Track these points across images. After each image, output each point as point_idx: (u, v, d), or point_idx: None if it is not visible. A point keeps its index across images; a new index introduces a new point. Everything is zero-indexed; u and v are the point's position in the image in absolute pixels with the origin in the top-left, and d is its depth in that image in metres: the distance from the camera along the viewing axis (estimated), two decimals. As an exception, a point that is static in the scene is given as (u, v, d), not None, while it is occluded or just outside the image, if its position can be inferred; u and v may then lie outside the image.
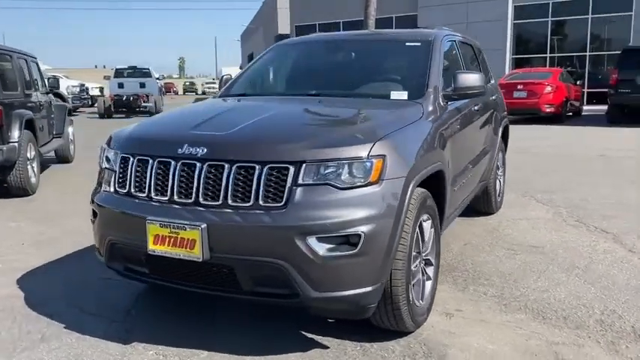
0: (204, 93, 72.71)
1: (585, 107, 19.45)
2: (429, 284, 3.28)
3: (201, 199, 2.73)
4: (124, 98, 23.45)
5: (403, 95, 3.67)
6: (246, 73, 4.49)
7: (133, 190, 2.94)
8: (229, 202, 2.67)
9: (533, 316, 3.39)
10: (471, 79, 3.79)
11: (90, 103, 28.20)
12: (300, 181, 2.62)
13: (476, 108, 4.47)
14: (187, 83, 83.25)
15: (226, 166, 2.69)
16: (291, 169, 2.63)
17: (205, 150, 2.75)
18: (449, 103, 3.82)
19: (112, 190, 3.06)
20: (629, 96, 14.50)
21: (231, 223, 2.63)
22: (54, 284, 4.03)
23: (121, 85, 24.57)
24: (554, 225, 5.45)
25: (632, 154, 10.20)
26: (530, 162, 9.48)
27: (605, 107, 18.79)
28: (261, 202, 2.63)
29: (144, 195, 2.89)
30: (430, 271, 3.30)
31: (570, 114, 17.52)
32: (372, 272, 2.69)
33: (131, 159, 2.98)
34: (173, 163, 2.81)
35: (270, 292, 2.74)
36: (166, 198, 2.81)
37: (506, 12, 23.38)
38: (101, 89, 36.93)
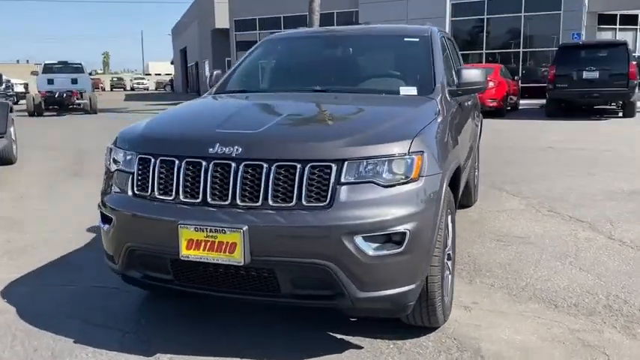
0: (132, 89, 70.30)
1: (521, 101, 20.36)
2: (449, 278, 3.30)
3: (238, 201, 2.61)
4: (55, 95, 22.27)
5: (412, 91, 3.67)
6: (239, 69, 4.34)
7: (157, 192, 2.77)
8: (270, 202, 2.57)
9: (545, 305, 3.49)
10: (473, 74, 3.84)
11: (15, 100, 26.54)
12: (342, 180, 2.56)
13: (469, 103, 4.55)
14: (115, 79, 79.95)
15: (265, 165, 2.59)
16: (334, 168, 2.56)
17: (240, 149, 2.63)
18: (451, 98, 3.86)
19: (129, 193, 2.86)
20: (565, 91, 15.29)
21: (273, 224, 2.53)
22: (43, 296, 3.75)
23: (50, 81, 23.21)
24: (530, 215, 5.65)
25: (577, 145, 10.75)
26: (487, 155, 9.78)
27: (538, 101, 19.76)
28: (304, 202, 2.55)
29: (170, 198, 2.73)
30: (450, 265, 3.33)
31: (509, 108, 18.27)
32: (414, 270, 2.67)
33: (152, 160, 2.80)
34: (204, 163, 2.67)
35: (311, 295, 2.67)
36: (198, 200, 2.67)
37: (444, 9, 24.07)
38: (26, 85, 34.87)
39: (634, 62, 14.33)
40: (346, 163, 2.57)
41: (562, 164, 8.69)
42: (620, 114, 15.96)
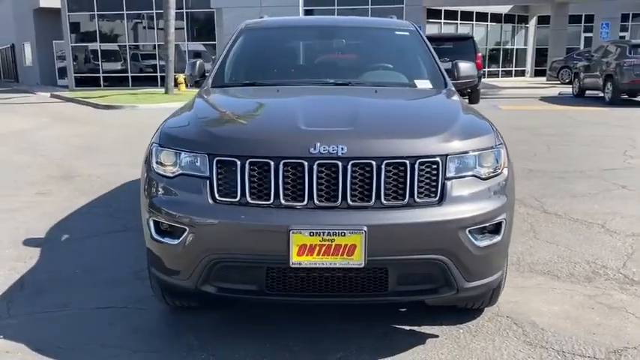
0: None
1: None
2: None
3: (350, 201, 2.51)
4: None
5: (427, 84, 3.80)
6: (230, 59, 4.05)
7: (249, 197, 2.54)
8: (383, 201, 2.53)
9: (549, 277, 3.90)
10: (469, 68, 4.09)
11: None
12: (448, 175, 2.61)
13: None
14: None
15: (374, 163, 2.53)
16: (440, 163, 2.60)
17: (345, 148, 2.53)
18: (447, 92, 4.07)
19: (207, 200, 2.58)
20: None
21: (390, 223, 2.50)
22: (39, 323, 3.20)
23: None
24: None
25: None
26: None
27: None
28: (416, 199, 2.55)
29: (269, 202, 2.52)
30: None
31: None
32: (504, 256, 2.84)
33: (239, 163, 2.55)
34: (307, 164, 2.51)
35: (415, 290, 2.69)
36: (304, 203, 2.51)
37: (297, -1, 24.46)
38: None
39: (479, 54, 16.09)
40: (448, 157, 2.62)
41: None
42: (467, 100, 17.84)
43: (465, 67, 4.06)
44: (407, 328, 3.14)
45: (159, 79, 26.16)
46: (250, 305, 3.32)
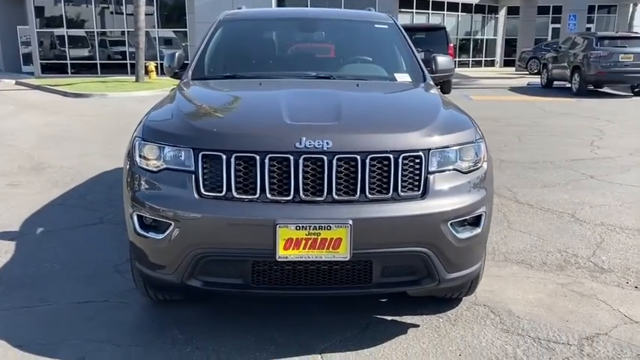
0: None
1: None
2: None
3: (335, 196, 2.55)
4: None
5: (406, 77, 3.85)
6: (210, 51, 4.02)
7: (235, 192, 2.55)
8: (367, 195, 2.57)
9: (523, 266, 4.02)
10: (446, 62, 4.15)
11: None
12: (430, 169, 2.67)
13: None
14: None
15: (359, 158, 2.56)
16: (423, 157, 2.65)
17: (330, 143, 2.56)
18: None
19: (193, 194, 2.58)
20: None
21: (375, 216, 2.54)
22: (18, 319, 3.17)
23: None
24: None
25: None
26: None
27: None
28: (400, 193, 2.60)
29: (255, 197, 2.54)
30: None
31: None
32: (483, 247, 2.92)
33: (224, 157, 2.56)
34: (292, 158, 2.54)
35: (397, 282, 2.76)
36: (289, 197, 2.54)
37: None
38: None
39: (451, 44, 16.25)
40: (430, 152, 2.68)
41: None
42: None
43: (443, 60, 4.12)
44: (389, 318, 3.20)
45: (129, 67, 25.65)
46: (234, 298, 3.34)
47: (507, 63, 33.62)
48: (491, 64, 35.15)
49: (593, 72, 15.68)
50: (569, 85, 17.04)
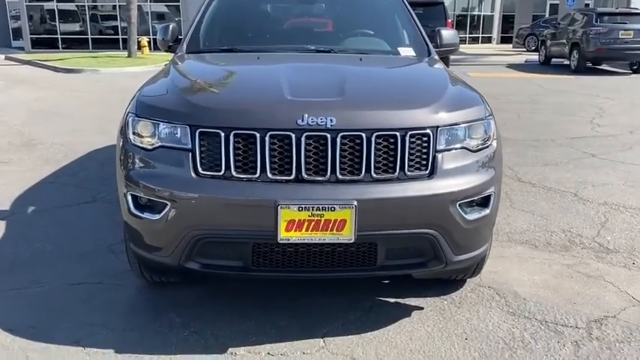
0: None
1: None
2: None
3: (339, 175, 2.43)
4: None
5: (410, 52, 3.71)
6: (205, 24, 3.86)
7: (234, 171, 2.43)
8: (373, 174, 2.46)
9: (528, 247, 3.94)
10: (451, 35, 4.00)
11: None
12: (438, 147, 2.55)
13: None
14: None
15: (364, 136, 2.44)
16: (431, 135, 2.53)
17: (334, 120, 2.43)
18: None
19: (190, 173, 2.46)
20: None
21: (380, 197, 2.43)
22: (10, 301, 3.07)
23: None
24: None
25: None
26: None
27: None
28: (407, 172, 2.49)
29: (255, 176, 2.42)
30: None
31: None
32: (491, 228, 2.82)
33: (223, 134, 2.43)
34: (294, 136, 2.41)
35: (403, 264, 2.66)
36: (291, 177, 2.42)
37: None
38: None
39: (449, 20, 15.98)
40: (439, 129, 2.56)
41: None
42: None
43: (448, 34, 3.97)
44: (392, 300, 3.12)
45: (120, 42, 25.21)
46: (233, 280, 3.25)
47: (504, 40, 33.26)
48: (488, 40, 34.78)
49: (593, 49, 15.49)
50: (567, 63, 16.85)
